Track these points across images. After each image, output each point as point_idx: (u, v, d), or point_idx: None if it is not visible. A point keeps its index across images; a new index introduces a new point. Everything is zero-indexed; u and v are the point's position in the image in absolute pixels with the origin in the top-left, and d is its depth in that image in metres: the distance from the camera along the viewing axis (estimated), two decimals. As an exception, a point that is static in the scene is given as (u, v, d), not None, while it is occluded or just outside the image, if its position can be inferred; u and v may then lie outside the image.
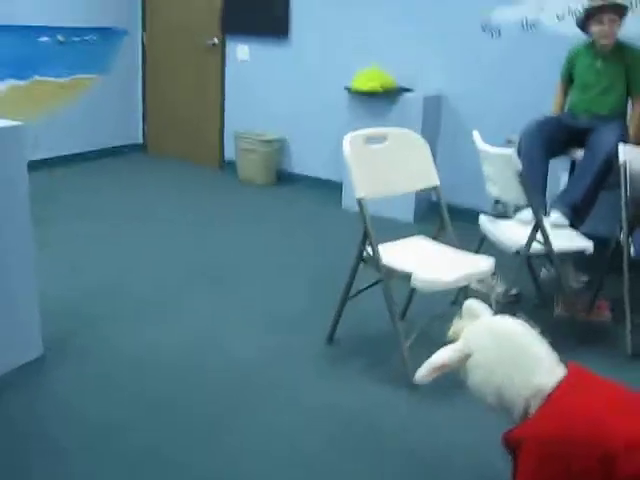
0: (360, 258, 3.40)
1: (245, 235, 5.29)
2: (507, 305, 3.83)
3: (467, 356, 2.02)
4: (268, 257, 4.85)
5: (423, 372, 2.09)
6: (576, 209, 4.16)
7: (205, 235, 5.24)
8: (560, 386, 1.88)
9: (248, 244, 5.08)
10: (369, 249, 3.32)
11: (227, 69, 7.17)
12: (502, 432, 1.94)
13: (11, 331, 3.21)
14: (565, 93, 4.74)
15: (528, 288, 4.17)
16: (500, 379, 1.94)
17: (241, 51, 6.98)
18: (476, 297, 2.25)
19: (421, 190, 3.71)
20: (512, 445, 1.90)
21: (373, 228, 3.29)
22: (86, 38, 7.14)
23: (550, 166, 4.49)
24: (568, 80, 4.70)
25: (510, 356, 1.95)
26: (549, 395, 1.86)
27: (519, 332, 2.00)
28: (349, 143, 3.28)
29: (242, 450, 2.73)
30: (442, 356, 2.06)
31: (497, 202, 4.01)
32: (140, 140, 8.03)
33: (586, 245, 3.72)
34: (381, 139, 3.49)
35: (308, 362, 3.41)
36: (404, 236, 3.66)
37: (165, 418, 2.91)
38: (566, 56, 4.69)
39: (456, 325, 2.12)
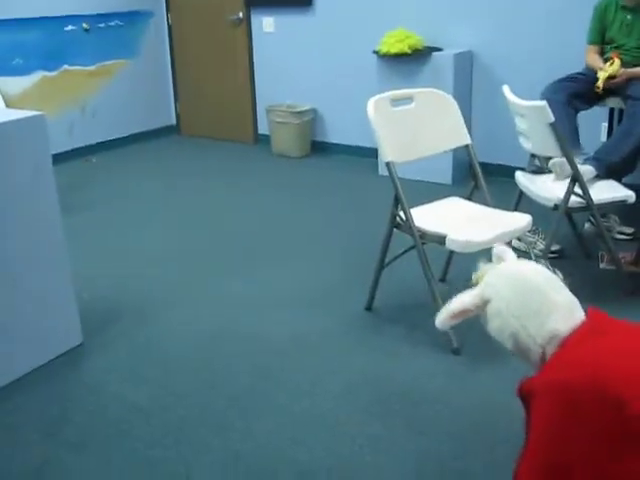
0: (393, 223, 3.34)
1: (282, 207, 5.26)
2: (549, 261, 3.73)
3: (485, 302, 1.95)
4: (306, 228, 4.81)
5: (442, 318, 2.05)
6: (613, 170, 3.98)
7: (242, 210, 5.21)
8: (576, 332, 1.82)
9: (285, 216, 5.05)
10: (401, 213, 3.25)
11: (254, 43, 7.10)
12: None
13: (51, 320, 3.23)
14: (602, 54, 4.49)
15: (571, 243, 4.07)
16: (516, 325, 1.90)
17: (266, 24, 6.90)
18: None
19: (457, 150, 3.62)
20: (525, 395, 1.86)
21: (407, 192, 3.23)
22: (111, 24, 7.13)
23: (588, 114, 4.35)
24: (600, 41, 4.50)
25: (525, 302, 1.89)
26: (564, 341, 1.81)
27: (536, 278, 1.93)
28: (374, 106, 3.21)
29: (286, 414, 2.73)
30: (461, 302, 1.99)
31: (533, 157, 3.90)
32: (173, 122, 8.02)
33: (627, 195, 3.59)
34: (407, 100, 3.40)
35: (348, 331, 3.37)
36: (442, 199, 3.58)
37: (199, 399, 2.90)
38: (593, 16, 4.50)
39: (480, 270, 2.03)
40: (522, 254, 3.99)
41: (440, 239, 3.05)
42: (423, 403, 2.81)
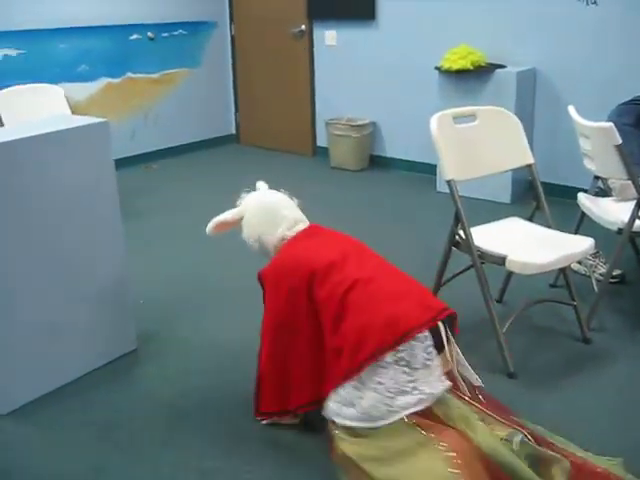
0: (452, 241, 3.30)
1: (337, 221, 5.20)
2: (610, 286, 3.65)
3: (241, 217, 2.88)
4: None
5: (209, 227, 2.90)
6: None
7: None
8: (295, 236, 2.77)
9: (339, 229, 5.01)
10: (461, 232, 3.21)
11: (316, 56, 7.12)
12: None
13: (107, 324, 3.27)
14: None
15: (633, 268, 3.97)
16: (259, 232, 2.82)
17: (329, 37, 6.92)
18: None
19: (516, 169, 3.57)
20: (260, 280, 2.73)
21: (465, 210, 3.19)
22: (175, 33, 7.23)
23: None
24: None
25: (265, 216, 2.84)
26: (287, 241, 2.75)
27: (273, 200, 2.95)
28: (437, 123, 3.18)
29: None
30: (224, 216, 2.89)
31: (596, 178, 3.81)
32: (233, 131, 8.09)
33: (695, 220, 3.49)
34: (470, 118, 3.37)
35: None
36: (501, 218, 3.53)
37: (250, 409, 2.89)
38: None
39: (243, 197, 2.96)
40: (582, 277, 3.95)
41: (500, 260, 3.00)
42: (477, 426, 2.75)
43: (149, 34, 6.99)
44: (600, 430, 2.71)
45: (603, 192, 3.78)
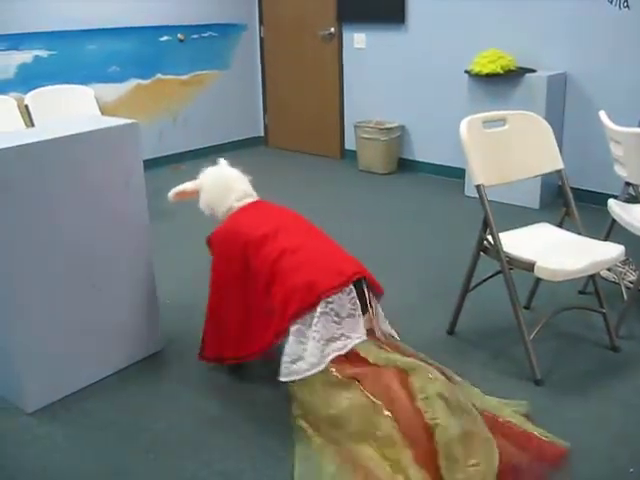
0: (480, 247, 3.28)
1: (364, 224, 5.23)
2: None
3: (200, 188, 3.26)
4: (388, 246, 4.77)
5: (169, 194, 3.31)
6: None
7: (323, 224, 5.19)
8: (242, 207, 3.14)
9: (367, 233, 5.01)
10: (490, 237, 3.19)
11: (344, 58, 7.12)
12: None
13: (134, 325, 3.29)
14: None
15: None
16: (211, 201, 3.22)
17: (358, 39, 6.91)
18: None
19: (545, 174, 3.53)
20: (208, 244, 3.12)
21: (494, 215, 3.16)
22: (205, 35, 7.26)
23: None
24: None
25: (218, 187, 3.22)
26: (234, 212, 3.13)
27: (228, 174, 3.29)
28: (466, 127, 3.15)
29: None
30: (184, 185, 3.30)
31: (627, 184, 3.76)
32: (261, 133, 8.10)
33: None
34: (500, 122, 3.34)
35: (428, 354, 3.30)
36: (529, 223, 3.50)
37: (275, 412, 2.88)
38: None
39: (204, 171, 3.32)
40: (611, 285, 3.90)
41: (529, 266, 2.97)
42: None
43: (179, 36, 7.03)
44: (625, 440, 2.67)
45: (634, 199, 3.72)
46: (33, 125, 5.29)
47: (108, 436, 2.79)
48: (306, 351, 2.68)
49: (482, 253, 3.29)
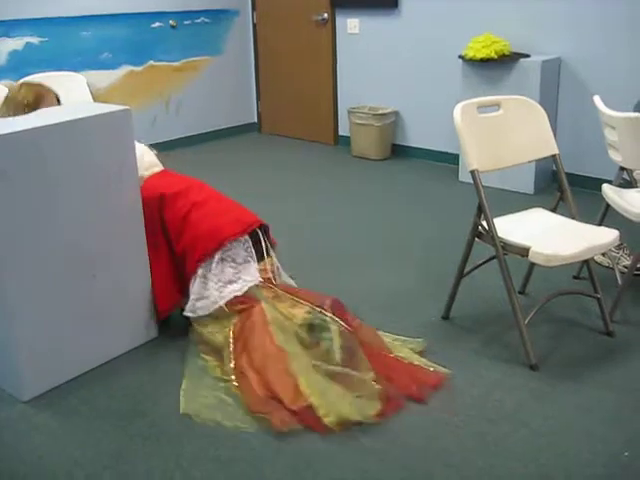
0: (475, 232, 3.28)
1: (358, 210, 5.22)
2: (634, 278, 3.61)
3: None
4: (382, 232, 4.77)
5: None
6: None
7: (318, 212, 5.20)
8: (152, 176, 3.49)
9: (362, 219, 5.01)
10: (484, 223, 3.19)
11: (338, 44, 7.09)
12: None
13: (129, 312, 3.29)
14: None
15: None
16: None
17: (351, 25, 6.88)
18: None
19: (540, 160, 3.53)
20: None
21: (488, 201, 3.16)
22: (197, 21, 7.23)
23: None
24: None
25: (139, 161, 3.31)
26: (146, 180, 3.42)
27: (140, 148, 3.41)
28: (460, 112, 3.14)
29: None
30: None
31: (622, 169, 3.77)
32: (255, 119, 8.08)
33: None
34: (494, 107, 3.33)
35: (424, 339, 3.31)
36: (524, 209, 3.49)
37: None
38: None
39: None
40: (606, 269, 3.91)
41: (523, 251, 2.97)
42: (498, 420, 2.73)
43: (171, 22, 6.99)
44: (620, 424, 2.69)
45: (628, 183, 3.73)
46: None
47: (105, 423, 2.79)
48: (208, 291, 3.21)
49: (477, 238, 3.29)
